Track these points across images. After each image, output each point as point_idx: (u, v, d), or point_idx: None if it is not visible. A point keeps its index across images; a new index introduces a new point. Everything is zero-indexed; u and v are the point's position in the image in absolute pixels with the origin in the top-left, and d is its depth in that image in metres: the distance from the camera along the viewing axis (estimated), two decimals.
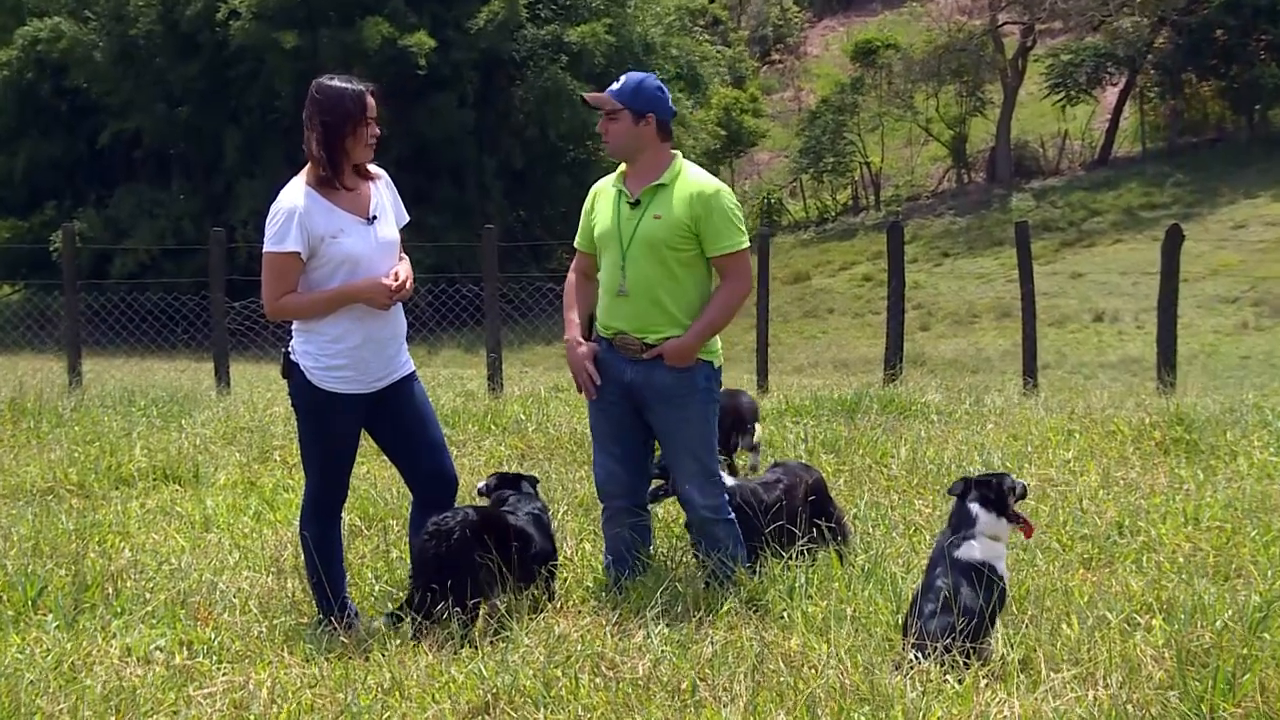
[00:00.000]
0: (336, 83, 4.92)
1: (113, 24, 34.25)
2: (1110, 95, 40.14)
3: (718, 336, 5.37)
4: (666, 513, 6.21)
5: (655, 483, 5.63)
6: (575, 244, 5.56)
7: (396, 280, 4.97)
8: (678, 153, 5.39)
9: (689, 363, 5.23)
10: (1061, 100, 39.06)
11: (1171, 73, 38.29)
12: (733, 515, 5.38)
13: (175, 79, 34.31)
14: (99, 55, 34.10)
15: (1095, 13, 37.94)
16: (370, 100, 4.92)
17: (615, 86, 5.28)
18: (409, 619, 4.86)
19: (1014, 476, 4.79)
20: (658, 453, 5.57)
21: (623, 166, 5.39)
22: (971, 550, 4.51)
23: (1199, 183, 34.11)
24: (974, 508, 4.59)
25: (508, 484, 5.60)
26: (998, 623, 4.49)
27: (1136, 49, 37.40)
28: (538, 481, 5.78)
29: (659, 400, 5.26)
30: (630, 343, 5.27)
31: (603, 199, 5.41)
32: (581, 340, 5.41)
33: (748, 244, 5.32)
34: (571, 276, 5.56)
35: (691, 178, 5.28)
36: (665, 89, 5.36)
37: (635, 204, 5.26)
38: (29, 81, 34.88)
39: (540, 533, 5.27)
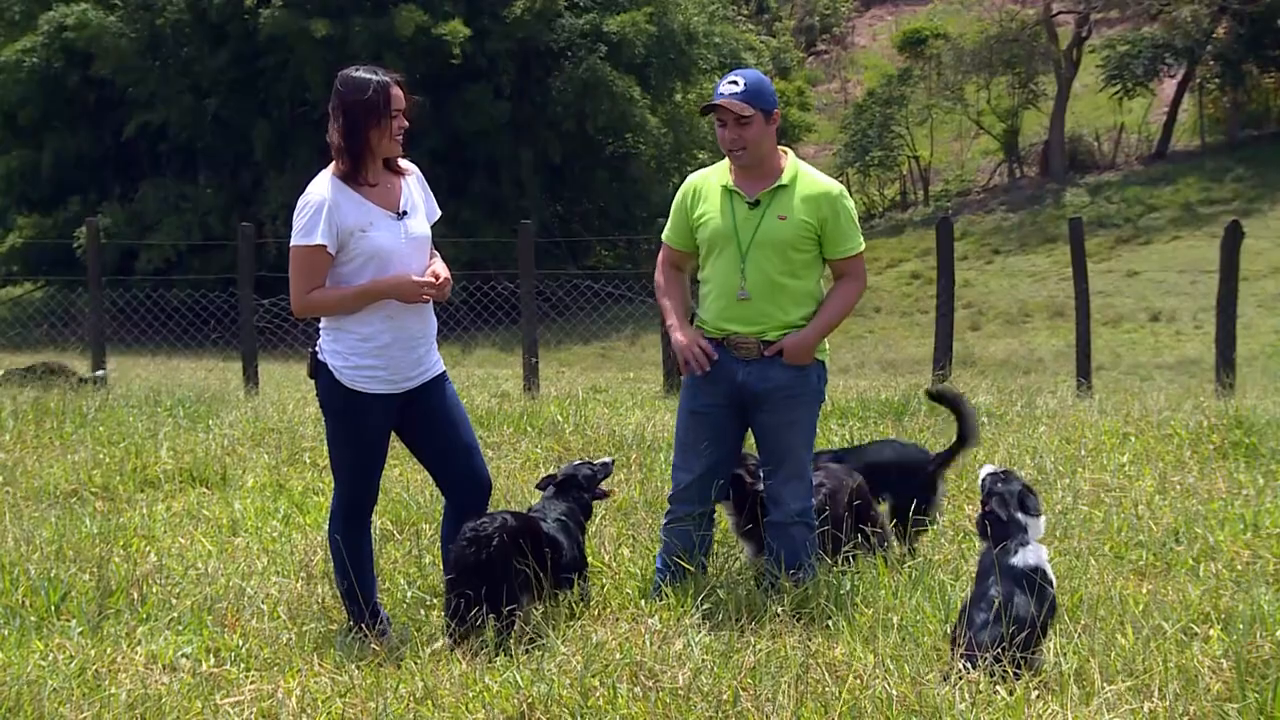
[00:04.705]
0: (360, 73, 4.83)
1: (139, 12, 33.76)
2: (1168, 87, 39.50)
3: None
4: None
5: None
6: (664, 238, 5.45)
7: (437, 280, 4.88)
8: (788, 150, 5.29)
9: (808, 360, 5.18)
10: (1118, 92, 38.48)
11: (1232, 64, 37.55)
12: (814, 520, 5.30)
13: (203, 69, 33.84)
14: (125, 44, 33.53)
15: (1153, 2, 37.35)
16: (396, 91, 4.81)
17: (736, 89, 5.09)
18: (444, 626, 4.78)
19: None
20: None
21: (725, 161, 5.27)
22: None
23: (1260, 177, 33.51)
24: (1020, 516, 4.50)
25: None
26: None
27: (1195, 39, 36.78)
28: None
29: (772, 399, 5.17)
30: (747, 342, 5.17)
31: (708, 196, 5.26)
32: (684, 325, 5.30)
33: (864, 245, 5.32)
34: (662, 269, 5.47)
35: (811, 177, 5.22)
36: None
37: (754, 204, 5.15)
38: (56, 71, 34.15)
39: (569, 539, 5.17)
